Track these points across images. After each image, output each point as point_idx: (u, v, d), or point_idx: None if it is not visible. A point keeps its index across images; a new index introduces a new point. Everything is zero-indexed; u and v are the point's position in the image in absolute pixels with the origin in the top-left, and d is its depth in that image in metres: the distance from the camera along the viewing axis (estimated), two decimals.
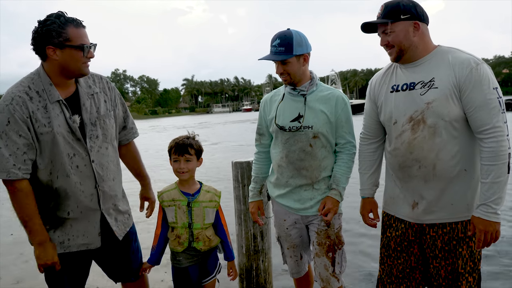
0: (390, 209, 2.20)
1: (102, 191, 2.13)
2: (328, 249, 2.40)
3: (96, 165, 2.10)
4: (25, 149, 1.93)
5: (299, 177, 2.39)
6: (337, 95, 2.37)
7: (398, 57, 2.00)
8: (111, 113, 2.22)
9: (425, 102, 1.93)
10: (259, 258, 3.14)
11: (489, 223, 1.84)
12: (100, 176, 2.12)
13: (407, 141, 2.00)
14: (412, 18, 1.94)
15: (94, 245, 2.14)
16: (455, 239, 1.97)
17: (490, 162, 1.83)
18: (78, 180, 2.05)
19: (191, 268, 2.38)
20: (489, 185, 1.84)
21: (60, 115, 1.99)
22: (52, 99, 1.98)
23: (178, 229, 2.33)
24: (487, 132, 1.84)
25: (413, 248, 2.11)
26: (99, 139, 2.12)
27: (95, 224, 2.13)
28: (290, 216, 2.48)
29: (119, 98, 2.34)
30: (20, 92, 1.95)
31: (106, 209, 2.17)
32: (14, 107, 1.90)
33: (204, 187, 2.40)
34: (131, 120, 2.43)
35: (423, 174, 1.98)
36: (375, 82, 2.22)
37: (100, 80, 2.23)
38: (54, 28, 1.91)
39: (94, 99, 2.14)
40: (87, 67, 2.05)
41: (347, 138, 2.38)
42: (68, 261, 2.13)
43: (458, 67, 1.87)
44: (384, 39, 2.01)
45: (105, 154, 2.15)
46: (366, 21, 2.02)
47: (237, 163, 3.10)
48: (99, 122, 2.12)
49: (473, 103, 1.85)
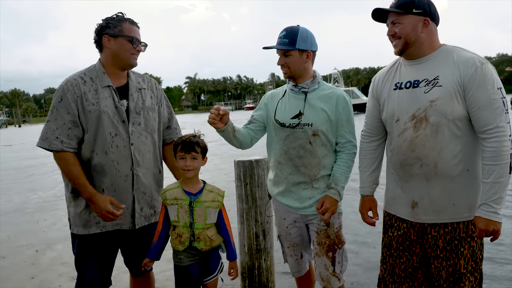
0: (391, 209, 2.19)
1: (136, 175, 2.32)
2: (328, 249, 2.40)
3: (135, 148, 2.32)
4: (71, 125, 2.21)
5: (298, 174, 2.40)
6: (338, 94, 2.39)
7: (402, 50, 2.00)
8: (155, 108, 2.47)
9: (428, 100, 1.92)
10: (261, 257, 3.14)
11: (489, 222, 1.84)
12: (136, 160, 2.32)
13: (409, 139, 2.00)
14: (424, 14, 1.95)
15: (126, 226, 2.34)
16: (456, 239, 1.97)
17: (492, 162, 1.83)
18: (116, 159, 2.27)
19: (193, 266, 2.38)
20: (490, 185, 1.84)
21: (109, 98, 2.28)
22: (103, 84, 2.29)
23: (180, 228, 2.33)
24: (490, 132, 1.83)
25: (415, 247, 2.10)
26: (141, 126, 2.36)
27: (127, 205, 2.30)
28: (289, 215, 2.49)
29: (165, 99, 2.60)
30: (76, 76, 2.29)
31: (137, 195, 2.35)
32: (68, 87, 2.23)
33: (207, 186, 2.40)
34: (175, 121, 2.65)
35: (425, 172, 1.97)
36: (378, 80, 2.22)
37: (149, 80, 2.54)
38: (112, 22, 2.28)
39: (141, 92, 2.42)
40: (135, 59, 2.34)
41: (348, 137, 2.39)
42: (99, 242, 2.31)
43: (463, 66, 1.87)
44: (391, 29, 2.01)
45: (144, 142, 2.37)
46: (379, 7, 2.01)
47: (239, 162, 3.10)
48: (143, 112, 2.38)
49: (477, 103, 1.84)
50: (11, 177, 11.40)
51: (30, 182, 10.38)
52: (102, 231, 2.30)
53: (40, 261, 4.55)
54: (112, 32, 2.26)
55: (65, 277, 4.00)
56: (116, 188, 2.28)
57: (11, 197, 8.48)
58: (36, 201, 7.95)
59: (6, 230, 5.85)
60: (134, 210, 2.35)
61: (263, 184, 3.05)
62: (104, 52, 2.32)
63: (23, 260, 4.57)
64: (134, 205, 2.34)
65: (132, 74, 2.45)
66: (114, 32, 2.26)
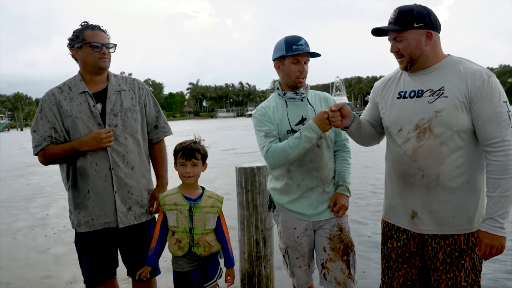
0: (390, 218, 2.17)
1: (116, 175, 2.39)
2: (343, 253, 2.41)
3: (112, 150, 2.38)
4: (52, 132, 2.39)
5: (310, 179, 2.40)
6: (327, 96, 2.56)
7: (408, 67, 1.99)
8: (136, 108, 2.51)
9: (433, 111, 1.91)
10: (261, 264, 3.13)
11: (495, 237, 1.82)
12: (114, 161, 2.39)
13: (411, 148, 1.97)
14: (425, 26, 1.91)
15: (113, 224, 2.41)
16: (457, 251, 1.95)
17: (498, 176, 1.81)
18: (94, 161, 2.36)
19: (193, 272, 2.38)
20: (496, 199, 1.81)
21: (83, 104, 2.39)
22: (78, 90, 2.41)
23: (179, 233, 2.33)
24: (496, 146, 1.82)
25: (414, 259, 2.07)
26: (119, 128, 2.41)
27: (111, 205, 2.39)
28: (301, 223, 2.45)
29: (151, 98, 2.65)
30: (54, 88, 2.47)
31: (120, 194, 2.40)
32: (45, 98, 2.43)
33: (207, 192, 2.40)
34: (163, 119, 2.68)
35: (426, 183, 1.95)
36: (379, 87, 2.21)
37: (132, 81, 2.59)
38: (76, 33, 2.40)
39: (120, 94, 2.48)
40: (104, 62, 2.41)
41: (344, 135, 2.51)
42: (92, 240, 2.41)
43: (470, 78, 1.85)
44: (394, 46, 1.98)
45: (124, 143, 2.43)
46: (377, 27, 1.98)
47: (241, 169, 3.11)
48: (120, 113, 2.43)
49: (483, 115, 1.83)
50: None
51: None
52: (91, 230, 2.40)
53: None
54: (77, 43, 2.39)
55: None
56: (98, 189, 2.38)
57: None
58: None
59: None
60: (117, 209, 2.39)
61: (264, 191, 3.05)
62: (78, 62, 2.46)
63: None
64: (115, 205, 2.39)
65: (113, 77, 2.52)
66: (79, 43, 2.39)
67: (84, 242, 2.43)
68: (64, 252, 4.97)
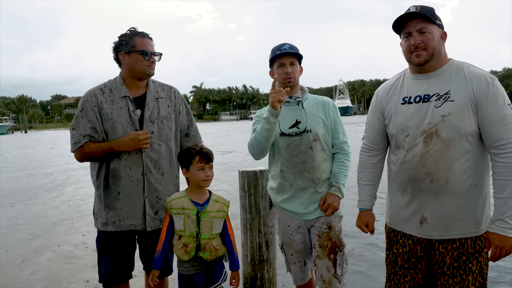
0: (396, 225, 2.15)
1: (148, 180, 2.46)
2: (329, 251, 2.47)
3: (146, 156, 2.45)
4: (91, 131, 2.43)
5: (302, 179, 2.51)
6: (327, 100, 2.63)
7: (425, 62, 1.95)
8: (171, 117, 2.59)
9: (440, 115, 1.91)
10: (264, 268, 3.13)
11: (505, 238, 1.82)
12: (148, 167, 2.46)
13: (419, 154, 1.96)
14: (442, 27, 1.97)
15: (139, 227, 2.47)
16: (464, 255, 1.94)
17: (506, 177, 1.82)
18: (128, 165, 2.43)
19: (198, 275, 2.38)
20: (505, 200, 1.82)
21: (124, 108, 2.45)
22: (120, 94, 2.47)
23: (186, 237, 2.33)
24: (503, 147, 1.83)
25: (421, 264, 2.07)
26: (154, 135, 2.48)
27: (140, 208, 2.45)
28: (293, 221, 2.56)
29: (185, 107, 2.73)
30: (95, 88, 2.51)
31: (149, 199, 2.47)
32: (87, 98, 2.46)
33: (213, 196, 2.41)
34: (194, 128, 2.76)
35: (435, 188, 1.95)
36: (382, 93, 2.19)
37: (169, 89, 2.67)
38: (124, 38, 2.47)
39: (158, 102, 2.56)
40: (151, 69, 2.51)
41: (342, 138, 2.58)
42: (116, 240, 2.48)
43: (476, 81, 1.87)
44: (418, 38, 1.93)
45: (158, 149, 2.50)
46: (412, 10, 1.92)
47: (244, 172, 3.11)
48: (157, 121, 2.51)
49: (489, 118, 1.85)
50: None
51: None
52: (117, 230, 2.46)
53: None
54: (126, 49, 2.45)
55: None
56: (129, 192, 2.44)
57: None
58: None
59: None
60: (145, 213, 2.46)
61: (267, 194, 3.06)
62: (123, 67, 2.52)
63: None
64: (145, 209, 2.46)
65: (152, 83, 2.60)
66: (128, 48, 2.45)
67: (107, 241, 2.49)
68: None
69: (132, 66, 2.47)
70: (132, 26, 2.50)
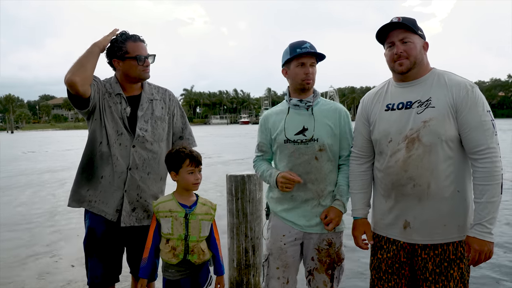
0: (381, 230, 2.18)
1: (132, 176, 2.46)
2: (328, 267, 2.40)
3: (135, 151, 2.47)
4: (98, 84, 2.47)
5: (305, 191, 2.36)
6: (339, 108, 2.45)
7: (408, 70, 2.02)
8: (165, 118, 2.62)
9: (422, 121, 1.96)
10: (250, 273, 3.13)
11: (484, 242, 1.86)
12: (134, 163, 2.47)
13: (401, 159, 2.01)
14: (424, 38, 2.03)
15: (109, 216, 2.46)
16: (446, 261, 1.98)
17: (485, 182, 1.87)
18: (116, 155, 2.44)
19: (183, 280, 2.37)
20: (483, 205, 1.86)
21: (118, 104, 2.50)
22: (115, 92, 2.52)
23: (174, 240, 2.32)
24: (482, 153, 1.88)
25: (404, 270, 2.10)
26: (148, 133, 2.51)
27: (116, 200, 2.46)
28: (291, 231, 2.40)
29: (179, 110, 2.74)
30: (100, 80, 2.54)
31: (129, 195, 2.47)
32: (98, 82, 2.48)
33: (201, 199, 2.41)
34: (188, 131, 2.76)
35: (418, 192, 1.99)
36: (367, 101, 2.24)
37: (164, 92, 2.69)
38: (117, 44, 2.45)
39: (152, 103, 2.59)
40: (146, 73, 2.51)
41: (350, 149, 2.38)
42: (104, 242, 2.47)
43: (455, 89, 1.93)
44: (400, 47, 2.00)
45: (148, 148, 2.51)
46: (395, 20, 1.99)
47: (231, 176, 3.12)
48: (151, 121, 2.54)
49: (469, 124, 1.90)
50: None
51: None
52: (89, 210, 2.48)
53: None
54: (119, 55, 2.46)
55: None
56: (111, 181, 2.45)
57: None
58: None
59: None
60: (122, 208, 2.46)
61: (255, 199, 3.07)
62: (117, 71, 2.55)
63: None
64: (122, 203, 2.46)
65: (147, 85, 2.62)
66: (121, 54, 2.45)
67: (94, 243, 2.48)
68: None
69: (126, 72, 2.49)
70: (123, 29, 2.51)
